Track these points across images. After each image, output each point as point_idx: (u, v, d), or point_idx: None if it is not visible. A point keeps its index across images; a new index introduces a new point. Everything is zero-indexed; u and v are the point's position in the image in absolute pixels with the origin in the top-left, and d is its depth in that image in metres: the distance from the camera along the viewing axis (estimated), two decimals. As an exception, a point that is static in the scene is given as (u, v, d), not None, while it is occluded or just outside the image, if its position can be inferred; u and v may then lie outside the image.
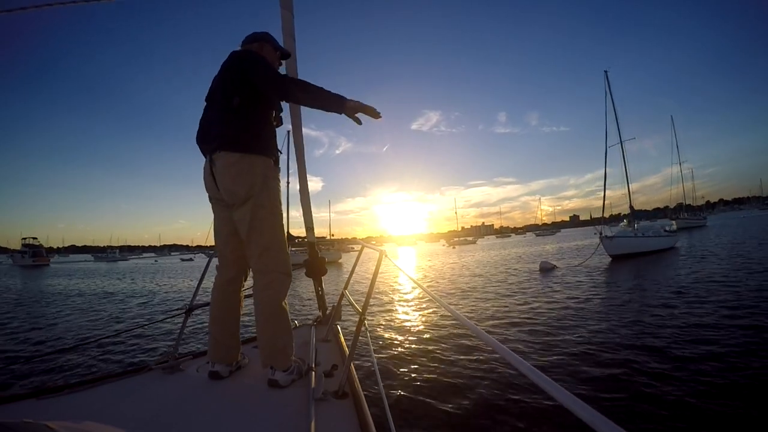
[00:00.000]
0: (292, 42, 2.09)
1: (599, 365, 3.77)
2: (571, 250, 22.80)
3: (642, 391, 3.16)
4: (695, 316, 5.33)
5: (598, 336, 4.74)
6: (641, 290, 7.73)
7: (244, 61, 1.48)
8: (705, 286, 7.42)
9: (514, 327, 5.50)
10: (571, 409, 0.44)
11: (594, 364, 3.82)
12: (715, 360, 3.69)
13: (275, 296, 1.46)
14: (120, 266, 37.51)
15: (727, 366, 3.53)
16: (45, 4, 1.75)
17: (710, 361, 3.66)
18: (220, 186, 1.48)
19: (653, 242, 16.15)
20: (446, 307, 0.90)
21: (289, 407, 1.22)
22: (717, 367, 3.51)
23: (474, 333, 0.70)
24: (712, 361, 3.68)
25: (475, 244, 59.80)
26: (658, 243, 16.39)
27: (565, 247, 25.92)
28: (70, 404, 1.30)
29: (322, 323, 2.20)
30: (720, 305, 5.77)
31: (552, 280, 10.25)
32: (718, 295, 6.51)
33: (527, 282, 10.24)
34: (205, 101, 1.63)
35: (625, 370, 3.59)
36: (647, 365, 3.67)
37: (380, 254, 1.38)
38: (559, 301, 7.14)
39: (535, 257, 18.66)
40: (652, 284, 8.26)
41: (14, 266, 43.50)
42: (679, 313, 5.58)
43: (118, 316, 8.21)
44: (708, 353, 3.87)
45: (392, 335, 5.42)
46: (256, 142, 1.47)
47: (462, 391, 3.32)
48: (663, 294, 7.06)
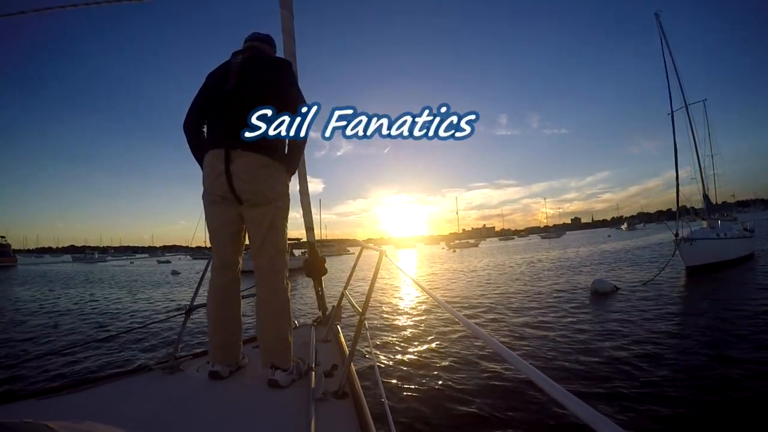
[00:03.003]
0: (292, 42, 2.09)
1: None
2: (599, 254, 18.71)
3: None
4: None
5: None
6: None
7: (286, 76, 1.56)
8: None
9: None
10: (571, 410, 0.44)
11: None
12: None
13: (282, 296, 1.48)
14: (94, 268, 34.01)
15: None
16: (45, 8, 1.76)
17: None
18: (241, 184, 1.43)
19: (736, 247, 12.05)
20: (446, 307, 0.90)
21: (289, 407, 1.22)
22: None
23: (474, 333, 0.70)
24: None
25: (477, 247, 53.96)
26: (740, 248, 12.30)
27: (587, 252, 20.78)
28: (70, 404, 1.30)
29: (322, 323, 2.20)
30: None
31: (627, 313, 6.11)
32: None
33: (589, 315, 6.19)
34: (217, 88, 1.54)
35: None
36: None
37: (380, 254, 1.38)
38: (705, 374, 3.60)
39: (561, 266, 14.48)
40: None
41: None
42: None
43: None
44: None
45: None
46: (282, 149, 1.54)
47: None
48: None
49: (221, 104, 1.51)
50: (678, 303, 6.90)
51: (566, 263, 15.69)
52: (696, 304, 6.75)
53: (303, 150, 1.64)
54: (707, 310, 6.12)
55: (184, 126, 1.61)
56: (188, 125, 1.61)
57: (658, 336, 4.85)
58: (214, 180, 1.47)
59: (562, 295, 8.11)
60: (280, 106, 1.42)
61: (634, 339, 4.75)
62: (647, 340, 4.70)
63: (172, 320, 6.04)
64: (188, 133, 1.61)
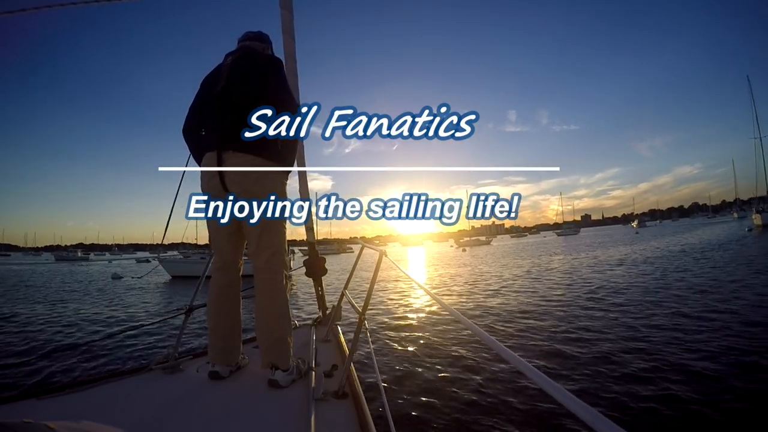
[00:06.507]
0: (291, 42, 2.09)
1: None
2: (702, 250, 14.16)
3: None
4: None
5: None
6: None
7: (274, 77, 1.53)
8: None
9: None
10: (571, 409, 0.44)
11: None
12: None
13: (280, 297, 1.48)
14: (61, 268, 29.58)
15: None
16: (45, 6, 1.76)
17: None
18: (233, 185, 1.46)
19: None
20: (446, 306, 0.90)
21: (289, 407, 1.22)
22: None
23: (474, 333, 0.70)
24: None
25: (489, 245, 47.83)
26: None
27: (642, 255, 14.55)
28: (70, 404, 1.30)
29: (322, 323, 2.20)
30: None
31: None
32: None
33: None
34: (209, 91, 1.57)
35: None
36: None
37: (380, 254, 1.38)
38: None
39: (635, 274, 9.56)
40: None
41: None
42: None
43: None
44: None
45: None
46: (276, 149, 1.52)
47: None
48: None
49: (212, 107, 1.55)
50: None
51: (629, 268, 10.74)
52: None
53: (296, 149, 1.64)
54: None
55: (183, 131, 1.65)
56: (186, 130, 1.65)
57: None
58: (208, 181, 1.51)
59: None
60: (268, 105, 1.44)
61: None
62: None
63: (171, 320, 6.04)
64: (187, 138, 1.65)
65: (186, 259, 18.03)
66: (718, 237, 21.90)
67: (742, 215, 54.13)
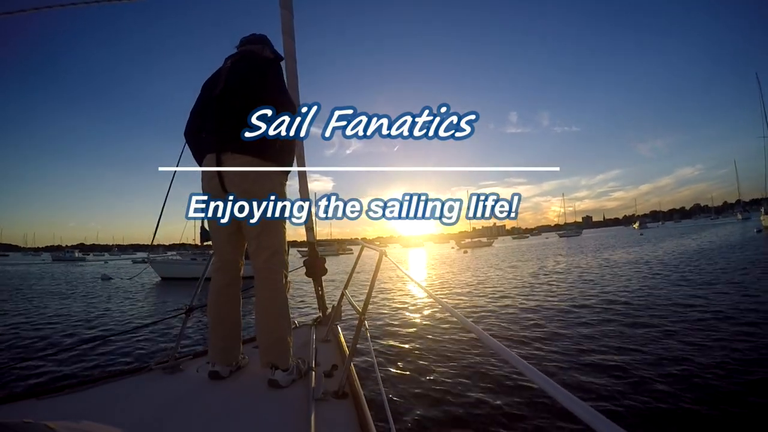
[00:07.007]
0: (291, 42, 2.08)
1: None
2: (715, 254, 13.05)
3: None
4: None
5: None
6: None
7: (272, 78, 1.54)
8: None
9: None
10: (571, 410, 0.44)
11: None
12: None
13: (280, 297, 1.48)
14: (55, 269, 28.90)
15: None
16: (45, 6, 1.76)
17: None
18: (232, 186, 1.48)
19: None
20: (446, 307, 0.90)
21: (289, 407, 1.22)
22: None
23: (475, 333, 0.70)
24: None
25: (491, 246, 46.75)
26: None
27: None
28: (70, 404, 1.30)
29: (322, 323, 2.20)
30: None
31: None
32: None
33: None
34: (209, 94, 1.60)
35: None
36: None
37: (380, 254, 1.38)
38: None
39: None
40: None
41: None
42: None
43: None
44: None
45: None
46: (274, 149, 1.52)
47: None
48: None
49: (211, 110, 1.57)
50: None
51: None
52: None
53: (294, 149, 1.64)
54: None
55: (185, 134, 1.68)
56: (188, 133, 1.67)
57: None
58: (208, 182, 1.53)
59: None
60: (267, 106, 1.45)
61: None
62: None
63: (171, 320, 6.04)
64: (188, 141, 1.67)
65: (176, 261, 17.85)
66: (728, 239, 21.55)
67: (745, 216, 54.45)
